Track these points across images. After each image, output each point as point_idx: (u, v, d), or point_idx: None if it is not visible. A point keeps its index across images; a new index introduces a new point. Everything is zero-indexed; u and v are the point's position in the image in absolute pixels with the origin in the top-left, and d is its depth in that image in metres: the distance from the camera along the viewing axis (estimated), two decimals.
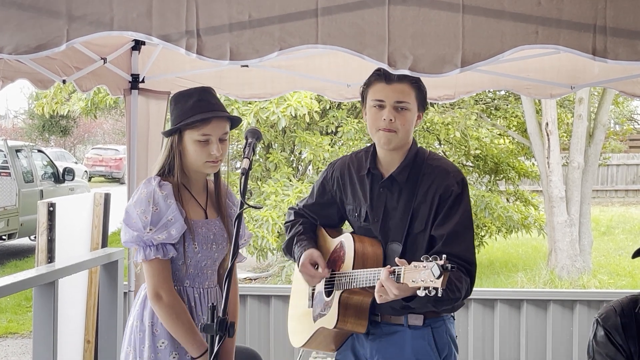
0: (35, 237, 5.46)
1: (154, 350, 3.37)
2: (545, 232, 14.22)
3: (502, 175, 15.45)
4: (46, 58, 4.43)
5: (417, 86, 3.42)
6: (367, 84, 3.47)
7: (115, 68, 5.08)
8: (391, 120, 3.36)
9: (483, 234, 14.52)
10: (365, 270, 3.35)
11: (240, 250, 3.69)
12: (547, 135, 13.71)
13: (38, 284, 4.34)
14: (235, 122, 3.50)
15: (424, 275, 2.90)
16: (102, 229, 5.68)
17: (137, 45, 5.19)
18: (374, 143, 3.53)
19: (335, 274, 3.53)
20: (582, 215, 14.00)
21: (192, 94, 3.40)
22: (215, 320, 2.77)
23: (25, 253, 15.83)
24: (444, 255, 2.92)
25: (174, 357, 3.38)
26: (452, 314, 3.60)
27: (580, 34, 2.87)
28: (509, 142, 15.69)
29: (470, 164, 15.48)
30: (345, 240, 3.56)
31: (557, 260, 13.62)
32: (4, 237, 15.14)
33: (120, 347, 5.08)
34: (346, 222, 3.78)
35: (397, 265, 3.06)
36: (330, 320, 3.45)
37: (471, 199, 12.88)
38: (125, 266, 5.28)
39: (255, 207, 3.26)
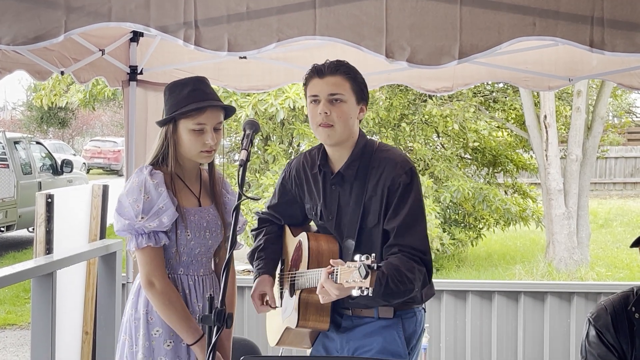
0: (33, 229, 5.46)
1: (148, 338, 3.39)
2: (543, 225, 14.24)
3: (500, 168, 15.48)
4: (44, 49, 4.43)
5: (352, 77, 3.38)
6: (305, 83, 3.45)
7: (113, 60, 5.08)
8: (326, 113, 3.32)
9: (481, 226, 14.55)
10: (314, 270, 3.34)
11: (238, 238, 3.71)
12: (546, 127, 13.72)
13: (36, 275, 4.35)
14: (229, 111, 3.50)
15: (355, 275, 2.89)
16: (101, 220, 5.68)
17: (136, 36, 5.18)
18: None
19: (295, 273, 3.53)
20: (580, 207, 14.01)
21: (186, 83, 3.40)
22: (213, 311, 2.77)
23: (24, 245, 15.83)
24: (373, 254, 2.90)
25: (168, 345, 3.39)
26: (423, 305, 3.58)
27: (578, 26, 2.87)
28: (507, 134, 15.71)
29: (469, 157, 15.50)
30: (302, 239, 3.55)
31: (555, 252, 13.64)
32: (2, 228, 15.15)
33: (116, 338, 5.12)
34: None
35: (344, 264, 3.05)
36: (292, 320, 3.44)
37: (470, 191, 12.87)
38: (124, 258, 5.29)
39: (253, 199, 3.26)
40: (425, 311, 3.60)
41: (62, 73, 4.72)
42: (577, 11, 2.87)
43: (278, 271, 3.70)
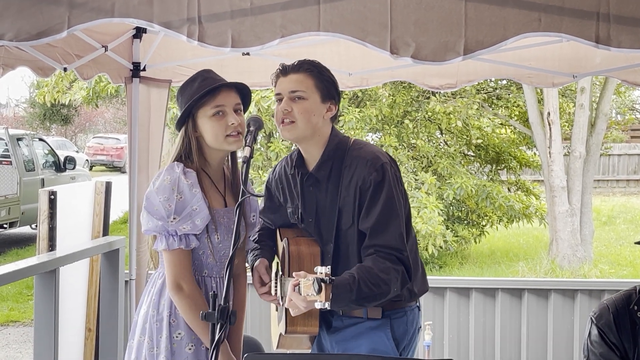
0: (36, 226, 5.46)
1: (170, 340, 3.33)
2: (547, 222, 14.24)
3: (503, 165, 15.48)
4: (47, 46, 4.42)
5: (316, 75, 3.35)
6: (273, 83, 3.43)
7: (116, 56, 5.07)
8: (286, 110, 3.30)
9: (484, 223, 14.55)
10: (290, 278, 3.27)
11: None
12: (549, 124, 13.71)
13: (39, 272, 4.35)
14: (245, 93, 3.43)
15: (311, 290, 2.82)
16: (104, 217, 5.68)
17: (139, 33, 5.17)
18: None
19: (282, 280, 3.46)
20: (584, 205, 14.01)
21: (195, 78, 3.36)
22: (216, 309, 2.75)
23: (27, 242, 15.85)
24: (327, 268, 2.82)
25: (189, 349, 3.34)
26: (417, 303, 3.52)
27: (583, 22, 2.86)
28: (511, 131, 15.71)
29: (472, 154, 15.50)
30: (284, 244, 3.49)
31: (559, 249, 13.63)
32: (5, 225, 15.15)
33: (120, 335, 5.12)
34: None
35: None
36: (282, 326, 3.40)
37: (473, 188, 12.83)
38: (126, 254, 5.29)
39: (256, 196, 3.25)
40: (420, 309, 3.53)
41: (65, 69, 4.71)
42: (583, 7, 2.86)
43: (273, 275, 3.65)
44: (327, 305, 2.79)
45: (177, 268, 3.29)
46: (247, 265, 3.66)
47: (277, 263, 3.66)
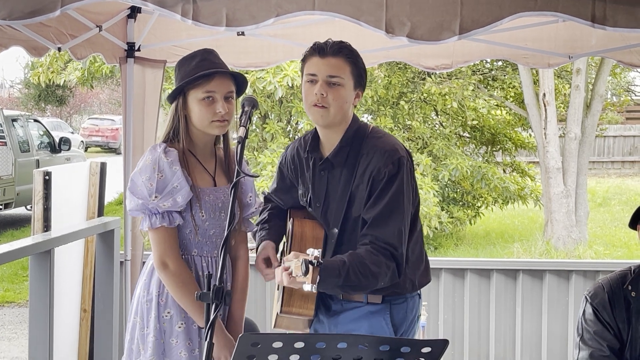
0: (31, 207, 5.44)
1: (159, 320, 3.34)
2: (542, 203, 14.27)
3: (498, 146, 15.50)
4: (41, 25, 4.39)
5: (353, 62, 3.29)
6: (303, 59, 3.35)
7: (110, 36, 5.04)
8: (322, 95, 3.23)
9: (479, 204, 14.58)
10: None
11: (251, 220, 3.67)
12: (544, 106, 13.71)
13: (34, 253, 4.34)
14: (240, 81, 3.41)
15: (301, 270, 2.82)
16: (99, 198, 5.67)
17: (133, 13, 5.14)
18: None
19: (284, 259, 3.48)
20: (579, 186, 14.03)
21: (194, 55, 3.34)
22: (211, 289, 2.75)
23: (22, 222, 15.84)
24: (318, 250, 2.84)
25: (179, 327, 3.34)
26: (418, 292, 3.49)
27: (580, 1, 2.85)
28: (506, 113, 15.71)
29: (467, 135, 15.50)
30: (290, 224, 3.50)
31: (553, 231, 13.67)
32: (0, 206, 15.15)
33: (115, 316, 5.13)
34: None
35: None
36: (278, 306, 3.39)
37: (468, 170, 12.84)
38: (122, 235, 5.28)
39: (251, 176, 3.23)
40: (420, 297, 3.52)
41: (59, 49, 4.68)
42: None
43: (278, 255, 3.64)
44: (313, 289, 2.81)
45: (161, 246, 3.30)
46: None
47: (284, 243, 3.67)
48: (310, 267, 2.79)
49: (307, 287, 2.82)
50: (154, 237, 3.31)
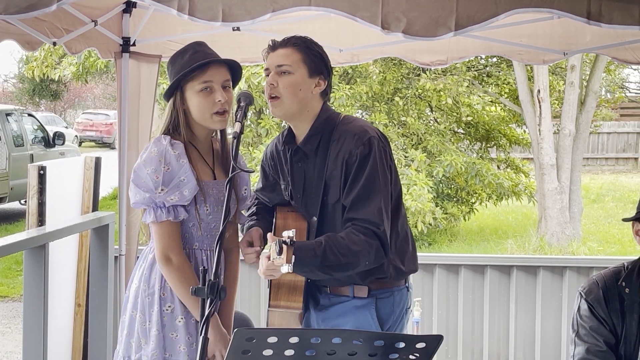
0: (25, 201, 5.44)
1: (161, 314, 3.33)
2: (536, 200, 14.28)
3: (493, 143, 15.51)
4: (36, 19, 4.38)
5: (303, 49, 3.32)
6: (264, 59, 3.41)
7: (106, 31, 5.03)
8: (272, 85, 3.29)
9: (473, 200, 14.59)
10: None
11: (243, 212, 3.67)
12: (539, 102, 13.71)
13: (29, 247, 4.34)
14: (235, 69, 3.40)
15: (275, 251, 2.86)
16: (93, 193, 5.66)
17: (129, 7, 5.13)
18: None
19: None
20: (573, 182, 14.04)
21: (186, 50, 3.33)
22: (206, 284, 2.75)
23: (16, 217, 15.82)
24: (292, 231, 2.87)
25: (179, 321, 3.34)
26: (407, 284, 3.50)
27: None
28: (501, 109, 15.71)
29: (462, 131, 15.52)
30: (274, 217, 3.52)
31: (547, 227, 13.68)
32: None
33: (110, 311, 5.12)
34: None
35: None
36: (267, 301, 3.41)
37: (462, 166, 12.85)
38: (116, 230, 5.28)
39: (246, 172, 3.24)
40: (409, 290, 3.52)
41: (54, 44, 4.67)
42: None
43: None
44: (289, 269, 2.83)
45: (165, 240, 3.28)
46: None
47: None
48: (284, 246, 2.82)
49: (285, 269, 2.85)
50: (158, 231, 3.29)
